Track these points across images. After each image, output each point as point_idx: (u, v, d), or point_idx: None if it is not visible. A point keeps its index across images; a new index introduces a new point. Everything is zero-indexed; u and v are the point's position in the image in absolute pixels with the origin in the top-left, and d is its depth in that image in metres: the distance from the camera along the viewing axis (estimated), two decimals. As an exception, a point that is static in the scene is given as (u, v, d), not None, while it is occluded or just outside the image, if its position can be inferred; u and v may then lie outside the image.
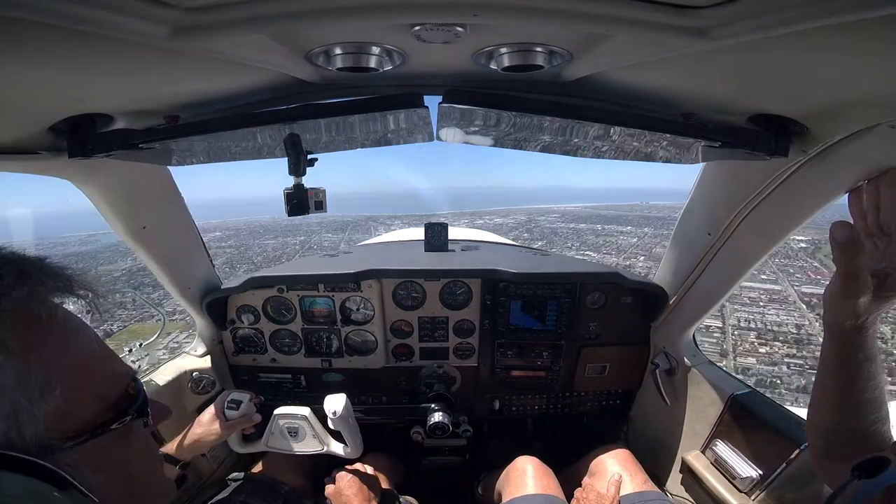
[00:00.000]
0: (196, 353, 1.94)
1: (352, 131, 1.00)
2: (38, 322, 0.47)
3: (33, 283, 0.48)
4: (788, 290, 25.09)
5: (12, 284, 0.46)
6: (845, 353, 0.84)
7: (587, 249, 39.67)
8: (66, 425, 0.47)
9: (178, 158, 1.15)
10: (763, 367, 19.60)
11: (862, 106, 0.76)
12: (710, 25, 0.53)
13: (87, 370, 0.52)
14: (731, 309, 22.75)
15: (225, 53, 0.66)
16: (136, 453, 0.57)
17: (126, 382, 0.56)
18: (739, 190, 1.22)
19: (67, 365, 0.49)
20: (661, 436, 1.93)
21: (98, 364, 0.54)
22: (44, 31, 0.51)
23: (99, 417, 0.51)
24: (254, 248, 41.23)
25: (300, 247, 43.60)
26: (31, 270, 0.49)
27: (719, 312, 21.79)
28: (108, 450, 0.51)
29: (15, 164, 0.96)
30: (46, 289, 0.50)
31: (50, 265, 0.52)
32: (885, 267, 0.77)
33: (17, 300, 0.46)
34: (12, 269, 0.47)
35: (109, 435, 0.51)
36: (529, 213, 72.26)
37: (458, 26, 0.61)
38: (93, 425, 0.50)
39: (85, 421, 0.49)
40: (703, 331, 20.50)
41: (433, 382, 2.08)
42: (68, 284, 0.52)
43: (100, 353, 0.55)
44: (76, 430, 0.48)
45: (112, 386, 0.54)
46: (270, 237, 47.61)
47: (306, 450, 1.55)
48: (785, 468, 1.34)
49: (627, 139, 0.96)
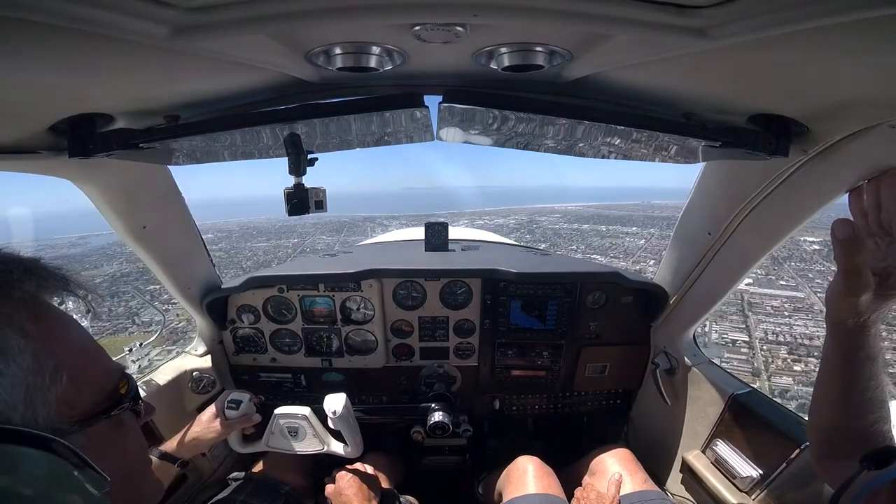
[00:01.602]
0: (196, 352, 1.94)
1: (352, 131, 1.00)
2: (45, 314, 0.51)
3: (37, 279, 0.51)
4: (811, 297, 23.59)
5: (21, 279, 0.49)
6: (847, 351, 0.84)
7: (593, 252, 38.38)
8: (72, 410, 0.50)
9: (179, 158, 1.15)
10: (802, 389, 16.79)
11: (862, 106, 0.76)
12: (710, 25, 0.53)
13: (85, 360, 0.55)
14: (756, 320, 21.63)
15: (225, 53, 0.66)
16: (131, 443, 0.60)
17: (117, 377, 0.59)
18: (740, 190, 1.22)
19: (71, 355, 0.52)
20: (661, 435, 1.93)
21: (93, 357, 0.57)
22: (44, 31, 0.51)
23: (97, 406, 0.54)
24: (244, 252, 40.11)
25: (293, 250, 42.49)
26: (32, 268, 0.52)
27: (744, 325, 20.98)
28: (106, 436, 0.54)
29: (15, 163, 0.96)
30: (48, 285, 0.53)
31: (46, 265, 0.54)
32: (887, 266, 0.77)
33: (27, 293, 0.49)
34: (17, 266, 0.50)
35: (108, 422, 0.54)
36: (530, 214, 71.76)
37: (458, 26, 0.61)
38: (91, 413, 0.53)
39: (86, 408, 0.52)
40: (729, 346, 19.56)
41: (433, 382, 2.08)
42: (65, 283, 0.55)
43: (93, 345, 0.58)
44: (80, 415, 0.51)
45: (105, 377, 0.57)
46: (263, 240, 46.48)
47: (306, 449, 1.55)
48: (785, 468, 1.34)
49: (627, 139, 0.96)
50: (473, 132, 1.00)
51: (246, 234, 48.89)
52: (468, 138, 1.04)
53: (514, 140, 1.03)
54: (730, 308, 23.03)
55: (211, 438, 1.44)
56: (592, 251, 39.97)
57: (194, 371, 1.87)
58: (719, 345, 20.04)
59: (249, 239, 46.98)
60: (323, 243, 47.53)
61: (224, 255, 37.45)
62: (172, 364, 1.88)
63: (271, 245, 44.37)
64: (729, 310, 22.97)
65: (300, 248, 44.21)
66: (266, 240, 46.74)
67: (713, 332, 21.10)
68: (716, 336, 21.03)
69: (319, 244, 47.11)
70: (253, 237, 47.91)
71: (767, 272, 26.49)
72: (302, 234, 52.29)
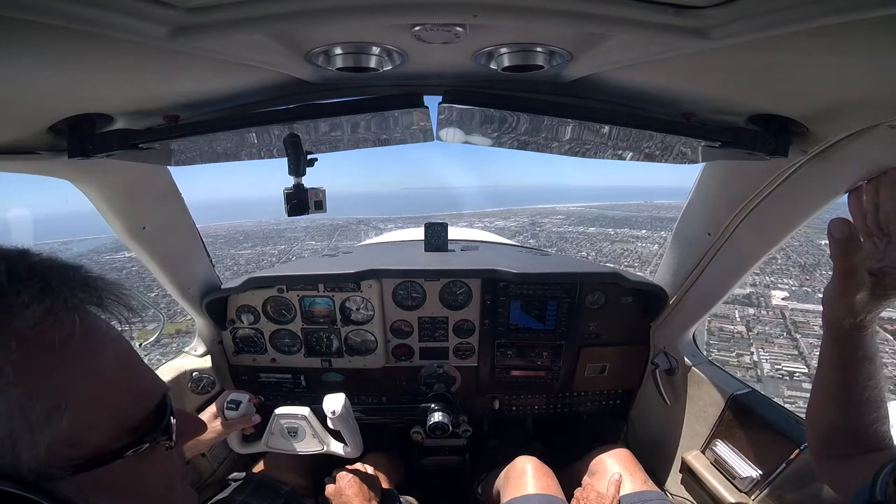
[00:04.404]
0: (196, 352, 1.94)
1: (352, 131, 1.00)
2: (52, 344, 0.43)
3: (54, 300, 0.44)
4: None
5: (28, 302, 0.42)
6: (844, 352, 0.84)
7: (605, 260, 36.32)
8: (73, 451, 0.44)
9: (178, 158, 1.15)
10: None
11: (862, 106, 0.76)
12: (711, 25, 0.53)
13: (106, 393, 0.48)
14: (808, 343, 19.70)
15: (225, 53, 0.66)
16: (154, 475, 0.53)
17: (154, 401, 0.53)
18: (739, 190, 1.22)
19: (82, 389, 0.45)
20: (660, 436, 1.93)
21: (120, 385, 0.50)
22: (43, 31, 0.51)
23: (114, 442, 0.47)
24: (225, 261, 37.85)
25: (277, 258, 39.83)
26: (55, 284, 0.45)
27: (796, 350, 19.50)
28: (122, 475, 0.47)
29: (15, 164, 0.96)
30: (69, 305, 0.45)
31: (78, 277, 0.48)
32: (883, 266, 0.77)
33: (31, 320, 0.42)
34: (35, 283, 0.43)
35: (123, 461, 0.47)
36: (531, 215, 70.89)
37: (458, 26, 0.61)
38: (106, 451, 0.46)
39: (97, 446, 0.46)
40: (787, 380, 17.53)
41: (433, 382, 2.08)
42: (98, 299, 0.49)
43: (125, 372, 0.51)
44: (85, 457, 0.45)
45: (134, 408, 0.51)
46: (248, 246, 44.56)
47: (306, 449, 1.55)
48: (785, 468, 1.34)
49: (628, 139, 0.96)
50: (473, 132, 1.00)
51: (231, 240, 46.88)
52: (468, 138, 1.04)
53: (514, 140, 1.03)
54: (773, 329, 21.79)
55: (210, 439, 1.44)
56: (604, 258, 38.32)
57: (194, 371, 1.87)
58: (775, 378, 18.41)
59: (234, 245, 45.04)
60: (311, 249, 45.42)
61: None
62: (172, 364, 1.88)
63: (255, 253, 42.56)
64: (773, 331, 21.74)
65: (286, 256, 41.45)
66: (251, 246, 44.90)
67: (764, 362, 19.43)
68: (768, 367, 19.36)
69: (307, 251, 45.10)
70: (239, 243, 46.09)
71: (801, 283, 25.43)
72: (290, 240, 50.43)
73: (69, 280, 0.47)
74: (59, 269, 0.47)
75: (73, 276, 0.47)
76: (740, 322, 24.14)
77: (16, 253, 0.46)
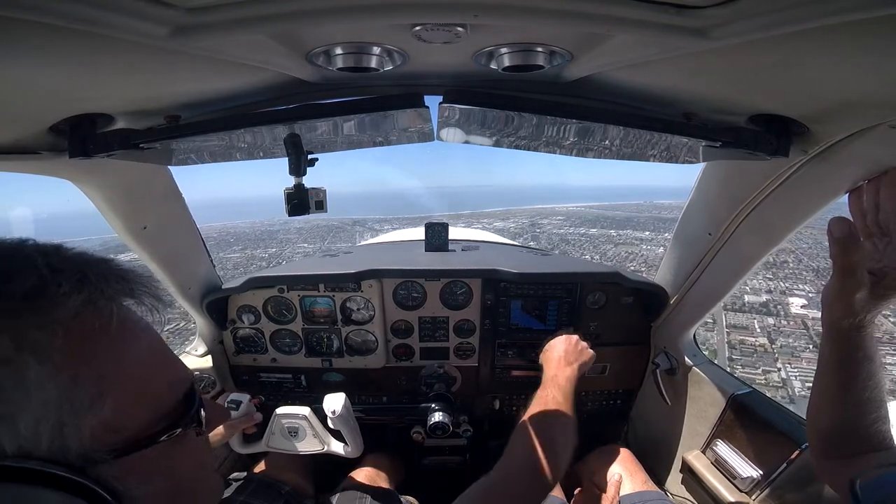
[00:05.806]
0: (196, 353, 1.94)
1: (352, 131, 1.00)
2: (92, 332, 0.45)
3: (91, 290, 0.45)
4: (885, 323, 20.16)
5: (69, 292, 0.44)
6: (844, 351, 0.84)
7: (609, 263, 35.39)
8: (114, 436, 0.45)
9: (179, 158, 1.15)
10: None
11: (862, 106, 0.76)
12: (711, 25, 0.53)
13: (142, 380, 0.50)
14: None
15: (225, 53, 0.66)
16: (186, 460, 0.54)
17: (183, 389, 0.54)
18: (740, 190, 1.22)
19: (121, 376, 0.47)
20: (661, 436, 1.93)
21: (154, 373, 0.52)
22: (44, 31, 0.51)
23: (150, 428, 0.49)
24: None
25: (267, 262, 38.53)
26: (92, 276, 0.46)
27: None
28: (155, 460, 0.49)
29: (16, 164, 0.96)
30: (105, 295, 0.47)
31: (111, 269, 0.49)
32: (883, 266, 0.77)
33: (72, 309, 0.43)
34: (73, 274, 0.45)
35: (158, 445, 0.49)
36: (531, 216, 70.26)
37: (458, 26, 0.61)
38: (142, 436, 0.48)
39: (134, 432, 0.48)
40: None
41: (433, 382, 2.08)
42: (130, 290, 0.50)
43: (158, 360, 0.53)
44: (124, 442, 0.46)
45: (167, 395, 0.52)
46: (238, 249, 42.86)
47: (307, 449, 1.55)
48: (785, 468, 1.34)
49: (628, 139, 0.96)
50: (473, 132, 1.00)
51: (221, 243, 45.28)
52: (468, 138, 1.04)
53: (514, 140, 1.03)
54: (798, 342, 21.00)
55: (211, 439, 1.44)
56: (609, 262, 36.48)
57: (194, 371, 1.87)
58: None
59: (224, 248, 43.57)
60: (303, 252, 44.03)
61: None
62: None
63: (244, 256, 41.13)
64: (798, 343, 20.95)
65: (275, 260, 39.95)
66: (241, 249, 43.41)
67: (794, 380, 18.70)
68: (798, 385, 18.61)
69: (299, 254, 43.74)
70: (229, 245, 44.58)
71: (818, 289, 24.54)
72: (282, 242, 48.86)
73: (104, 272, 0.48)
74: (93, 262, 0.48)
75: (106, 268, 0.49)
76: (761, 333, 23.56)
77: (52, 247, 0.47)
